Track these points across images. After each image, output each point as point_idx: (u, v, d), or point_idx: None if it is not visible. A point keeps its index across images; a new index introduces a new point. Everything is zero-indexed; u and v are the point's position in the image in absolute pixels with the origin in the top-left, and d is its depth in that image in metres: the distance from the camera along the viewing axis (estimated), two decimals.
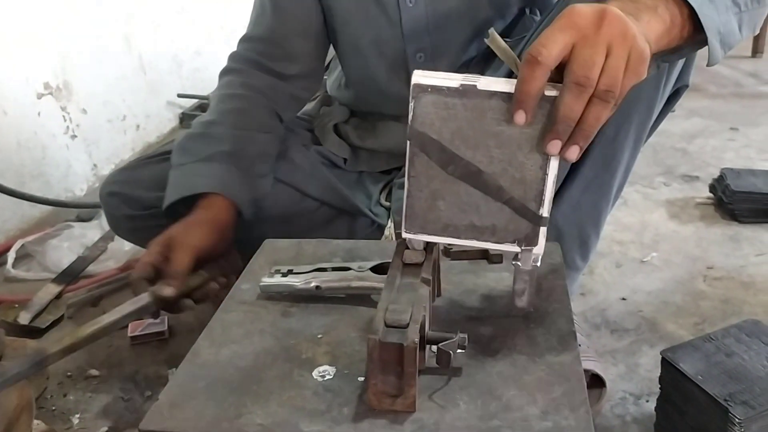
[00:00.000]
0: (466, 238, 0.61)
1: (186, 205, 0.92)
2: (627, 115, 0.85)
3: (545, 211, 0.59)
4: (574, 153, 0.56)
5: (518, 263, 0.62)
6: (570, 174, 0.90)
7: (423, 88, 0.57)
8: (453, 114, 0.58)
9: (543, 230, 0.59)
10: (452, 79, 0.57)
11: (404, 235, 0.63)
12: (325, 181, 1.06)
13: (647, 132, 0.90)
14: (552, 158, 0.57)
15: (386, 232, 1.04)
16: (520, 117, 0.55)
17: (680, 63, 0.85)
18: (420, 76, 0.58)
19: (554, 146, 0.56)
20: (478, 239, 0.61)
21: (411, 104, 0.58)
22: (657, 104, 0.86)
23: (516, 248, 0.60)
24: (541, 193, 0.58)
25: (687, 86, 0.89)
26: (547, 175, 0.58)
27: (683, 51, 0.70)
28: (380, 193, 1.13)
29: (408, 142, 0.59)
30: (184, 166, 0.94)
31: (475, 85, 0.57)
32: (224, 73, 1.06)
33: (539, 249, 0.60)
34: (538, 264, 0.62)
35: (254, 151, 0.98)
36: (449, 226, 0.61)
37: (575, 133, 0.55)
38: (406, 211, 0.61)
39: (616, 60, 0.54)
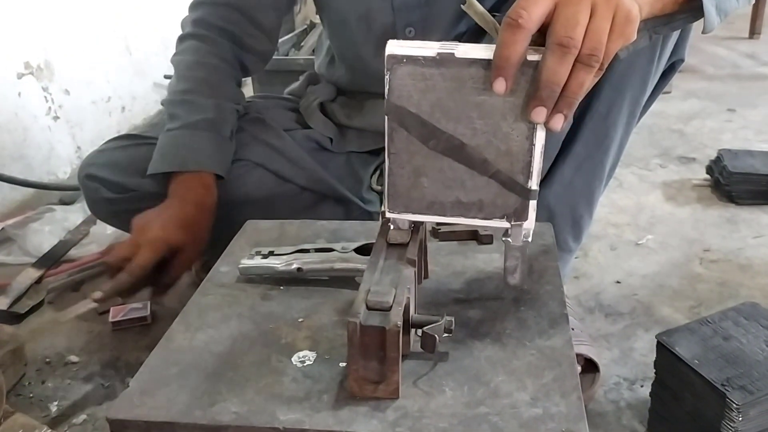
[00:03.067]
0: (452, 215, 0.58)
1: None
2: (620, 90, 0.82)
3: (534, 184, 0.56)
4: (558, 122, 0.52)
5: (508, 239, 0.59)
6: (561, 153, 0.87)
7: (398, 59, 0.54)
8: (431, 85, 0.54)
9: (533, 203, 0.56)
10: (429, 48, 0.54)
11: (388, 214, 0.60)
12: (309, 169, 1.03)
13: (641, 108, 0.87)
14: (538, 127, 0.54)
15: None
16: (500, 85, 0.51)
17: (675, 36, 0.82)
18: (394, 46, 0.54)
19: (538, 114, 0.52)
20: (465, 216, 0.58)
21: (386, 77, 0.55)
22: (651, 79, 0.83)
23: (505, 224, 0.57)
24: (529, 164, 0.55)
25: (682, 60, 0.86)
26: (534, 145, 0.54)
27: (677, 20, 0.67)
28: (371, 177, 1.09)
29: (386, 117, 0.56)
30: (171, 132, 0.95)
31: (452, 53, 0.53)
32: (189, 36, 1.02)
33: (530, 223, 0.57)
34: (530, 239, 0.59)
35: (231, 121, 0.98)
36: (434, 204, 0.58)
37: (559, 101, 0.52)
38: (389, 190, 0.58)
39: (601, 20, 0.51)
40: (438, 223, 0.76)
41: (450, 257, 0.72)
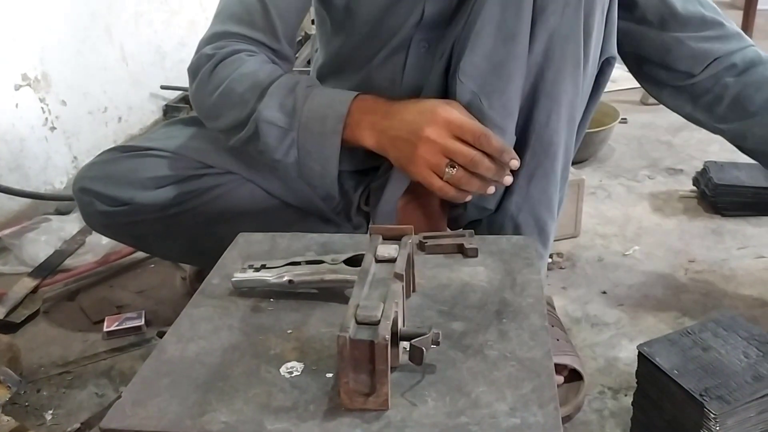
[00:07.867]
0: None
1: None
2: (554, 97, 0.86)
3: None
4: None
5: None
6: None
7: None
8: None
9: None
10: None
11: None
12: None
13: (581, 111, 0.91)
14: None
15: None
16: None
17: (600, 34, 0.86)
18: None
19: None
20: None
21: None
22: (582, 81, 0.87)
23: None
24: None
25: (614, 58, 0.90)
26: None
27: None
28: (359, 198, 1.10)
29: None
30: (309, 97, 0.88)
31: None
32: (235, 52, 0.95)
33: None
34: None
35: None
36: None
37: None
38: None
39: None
40: (425, 237, 0.78)
41: (436, 270, 0.74)
